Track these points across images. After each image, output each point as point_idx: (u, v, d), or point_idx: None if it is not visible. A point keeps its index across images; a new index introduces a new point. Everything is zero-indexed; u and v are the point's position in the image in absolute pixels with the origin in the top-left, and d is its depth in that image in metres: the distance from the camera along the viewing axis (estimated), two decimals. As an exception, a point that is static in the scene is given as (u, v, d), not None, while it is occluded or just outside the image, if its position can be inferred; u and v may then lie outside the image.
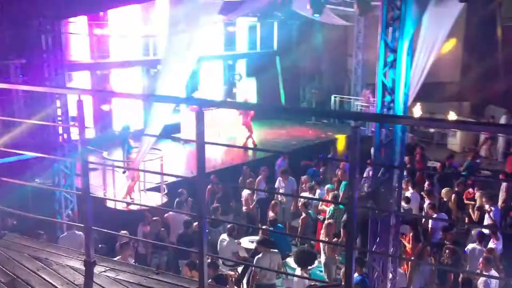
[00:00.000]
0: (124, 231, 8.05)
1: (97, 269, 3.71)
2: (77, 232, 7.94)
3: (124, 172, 10.56)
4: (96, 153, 10.78)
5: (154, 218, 9.20)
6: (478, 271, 7.60)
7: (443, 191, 10.98)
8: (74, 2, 9.36)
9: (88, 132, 14.00)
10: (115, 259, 6.62)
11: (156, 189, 11.11)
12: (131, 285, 3.57)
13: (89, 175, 3.76)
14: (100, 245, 8.14)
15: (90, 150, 11.36)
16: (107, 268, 3.79)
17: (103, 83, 15.26)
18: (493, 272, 7.54)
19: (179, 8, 9.10)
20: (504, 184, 11.14)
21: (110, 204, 10.35)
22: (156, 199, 10.85)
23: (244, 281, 8.42)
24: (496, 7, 19.97)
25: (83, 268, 3.66)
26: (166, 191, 10.92)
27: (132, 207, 10.26)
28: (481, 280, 7.54)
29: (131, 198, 10.47)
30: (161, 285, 3.55)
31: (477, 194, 10.60)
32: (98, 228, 3.90)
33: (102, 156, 10.77)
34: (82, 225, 3.77)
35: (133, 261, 7.85)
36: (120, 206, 10.39)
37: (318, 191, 11.27)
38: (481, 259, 7.69)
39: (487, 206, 9.85)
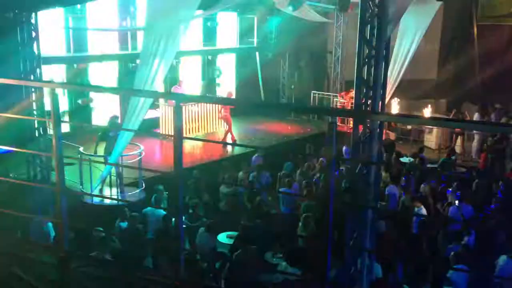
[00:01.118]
0: (100, 227, 7.97)
1: (72, 264, 3.67)
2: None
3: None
4: (73, 147, 10.65)
5: (132, 213, 9.12)
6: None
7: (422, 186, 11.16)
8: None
9: (64, 126, 13.89)
10: (91, 254, 6.57)
11: (134, 184, 11.04)
12: (107, 280, 3.54)
13: (64, 169, 3.71)
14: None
15: (66, 144, 11.24)
16: (82, 264, 3.76)
17: (80, 77, 15.05)
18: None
19: (157, 1, 9.02)
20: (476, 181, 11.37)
21: (86, 199, 10.23)
22: (134, 195, 10.77)
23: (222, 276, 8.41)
24: (472, 6, 20.33)
25: (57, 263, 3.62)
26: (144, 187, 10.85)
27: (110, 202, 10.16)
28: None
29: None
30: (138, 280, 3.53)
31: (449, 191, 10.82)
32: (74, 224, 3.86)
33: (79, 150, 10.63)
34: (57, 220, 3.72)
35: (110, 256, 7.77)
36: (97, 202, 10.27)
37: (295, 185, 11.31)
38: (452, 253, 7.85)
39: (457, 202, 10.02)
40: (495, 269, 7.78)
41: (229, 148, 14.49)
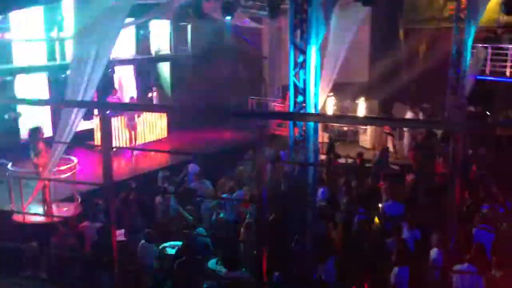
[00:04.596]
0: (34, 244, 7.63)
1: (2, 286, 3.50)
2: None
3: None
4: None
5: (64, 231, 8.80)
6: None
7: None
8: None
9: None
10: (24, 274, 6.29)
11: (70, 199, 10.66)
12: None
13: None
14: None
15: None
16: (12, 284, 3.59)
17: (5, 90, 14.35)
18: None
19: (85, 11, 8.80)
20: (407, 177, 11.86)
21: (18, 217, 9.76)
22: (70, 210, 10.41)
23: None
24: (398, 11, 21.29)
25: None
26: (80, 201, 10.51)
27: (43, 219, 9.76)
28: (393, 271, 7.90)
29: (48, 207, 9.95)
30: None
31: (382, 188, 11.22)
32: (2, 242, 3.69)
33: (7, 167, 10.14)
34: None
35: (46, 275, 7.46)
36: (29, 219, 9.82)
37: (236, 192, 11.33)
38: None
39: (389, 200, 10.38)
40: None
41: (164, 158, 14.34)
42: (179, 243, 8.95)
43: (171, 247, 9.39)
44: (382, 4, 19.29)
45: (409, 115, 16.75)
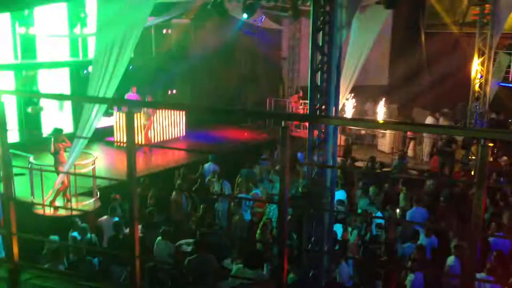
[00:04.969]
0: (54, 237, 7.75)
1: (23, 277, 3.55)
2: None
3: None
4: (22, 157, 10.32)
5: (82, 224, 8.90)
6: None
7: None
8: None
9: (14, 135, 13.43)
10: (45, 266, 6.37)
11: (89, 193, 10.79)
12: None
13: (12, 179, 3.59)
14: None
15: (15, 154, 10.87)
16: (34, 275, 3.64)
17: (29, 84, 14.59)
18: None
19: (107, 8, 8.88)
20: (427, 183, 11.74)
21: (38, 210, 9.91)
22: (89, 204, 10.54)
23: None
24: (419, 15, 21.09)
25: (7, 276, 3.49)
26: (98, 196, 10.62)
27: (62, 213, 9.89)
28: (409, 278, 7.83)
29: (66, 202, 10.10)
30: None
31: (401, 194, 11.14)
32: (24, 234, 3.74)
33: (29, 160, 10.30)
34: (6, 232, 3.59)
35: (64, 268, 7.55)
36: (49, 212, 9.97)
37: (253, 191, 11.35)
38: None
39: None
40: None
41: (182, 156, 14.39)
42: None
43: (187, 244, 9.43)
44: (404, 8, 19.17)
45: (429, 120, 16.58)
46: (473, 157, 14.37)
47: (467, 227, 8.23)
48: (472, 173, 13.29)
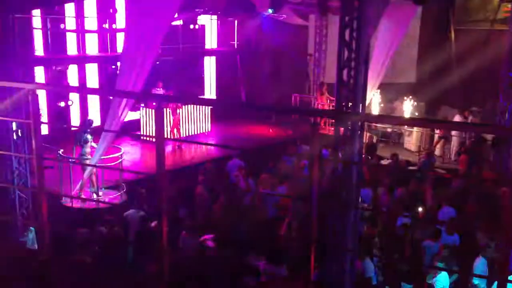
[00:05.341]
0: (84, 230, 7.89)
1: (54, 268, 3.62)
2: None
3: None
4: (52, 150, 10.51)
5: (108, 218, 9.03)
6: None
7: None
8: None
9: (43, 128, 13.71)
10: (74, 257, 6.50)
11: (115, 187, 10.94)
12: (91, 283, 3.51)
13: (44, 172, 3.66)
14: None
15: (46, 147, 11.08)
16: (64, 266, 3.71)
17: (59, 79, 14.86)
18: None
19: (137, 2, 8.97)
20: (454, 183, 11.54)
21: (66, 202, 10.10)
22: (115, 197, 10.69)
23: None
24: (449, 11, 20.68)
25: (39, 266, 3.57)
26: (125, 189, 10.77)
27: (89, 205, 10.06)
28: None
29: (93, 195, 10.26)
30: (122, 282, 3.50)
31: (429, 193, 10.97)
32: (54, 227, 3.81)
33: (58, 153, 10.50)
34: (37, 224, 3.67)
35: (92, 260, 7.69)
36: (77, 204, 10.15)
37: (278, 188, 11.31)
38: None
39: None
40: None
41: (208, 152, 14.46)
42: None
43: (211, 240, 9.48)
44: (433, 4, 18.82)
45: (457, 118, 16.27)
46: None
47: (498, 227, 8.11)
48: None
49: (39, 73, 14.52)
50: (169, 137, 14.73)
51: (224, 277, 7.84)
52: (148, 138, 14.74)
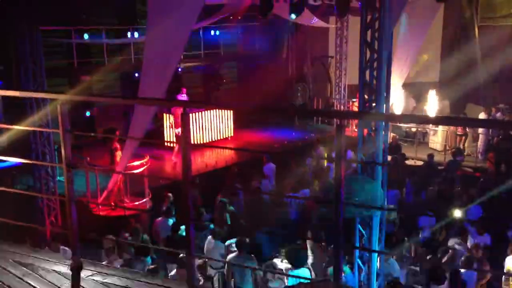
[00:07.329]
0: (110, 236, 7.99)
1: (84, 273, 3.67)
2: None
3: None
4: (78, 158, 10.69)
5: (135, 225, 9.11)
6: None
7: None
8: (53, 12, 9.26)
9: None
10: (103, 263, 6.58)
11: (141, 194, 11.05)
12: (119, 289, 3.55)
13: (73, 180, 3.72)
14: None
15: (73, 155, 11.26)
16: (94, 272, 3.76)
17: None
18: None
19: (158, 10, 9.06)
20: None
21: (94, 210, 10.25)
22: (141, 204, 10.79)
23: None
24: (472, 8, 20.34)
25: (70, 272, 3.63)
26: (150, 196, 10.87)
27: (116, 213, 10.18)
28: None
29: (119, 202, 10.39)
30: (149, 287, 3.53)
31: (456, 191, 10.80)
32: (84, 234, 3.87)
33: (86, 160, 10.67)
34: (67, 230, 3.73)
35: (120, 265, 7.77)
36: (104, 212, 10.29)
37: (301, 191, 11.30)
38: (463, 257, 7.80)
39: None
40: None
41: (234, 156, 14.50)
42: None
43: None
44: (456, 0, 18.57)
45: (482, 116, 16.00)
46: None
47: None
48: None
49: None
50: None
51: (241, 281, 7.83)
52: (170, 144, 14.84)
